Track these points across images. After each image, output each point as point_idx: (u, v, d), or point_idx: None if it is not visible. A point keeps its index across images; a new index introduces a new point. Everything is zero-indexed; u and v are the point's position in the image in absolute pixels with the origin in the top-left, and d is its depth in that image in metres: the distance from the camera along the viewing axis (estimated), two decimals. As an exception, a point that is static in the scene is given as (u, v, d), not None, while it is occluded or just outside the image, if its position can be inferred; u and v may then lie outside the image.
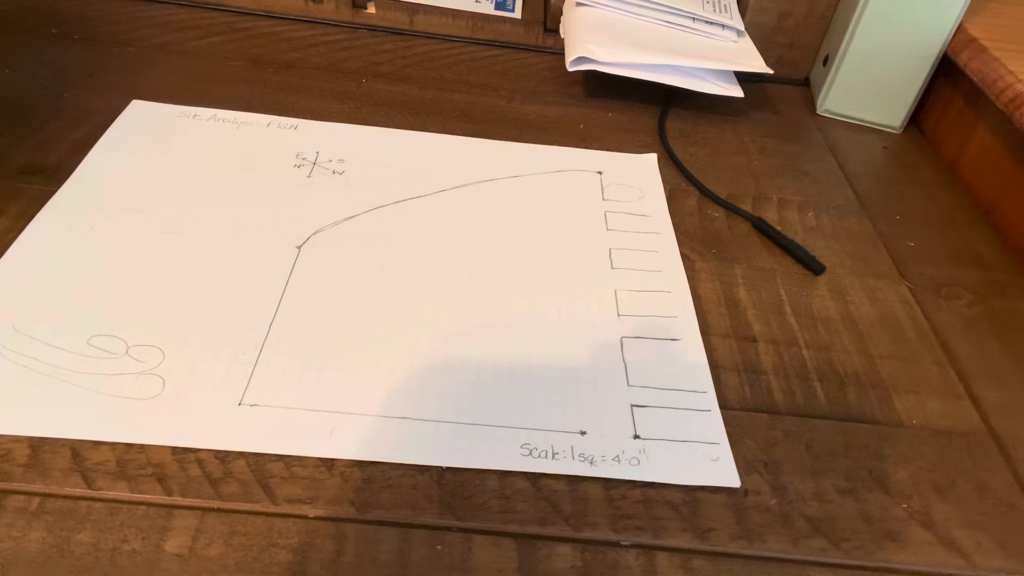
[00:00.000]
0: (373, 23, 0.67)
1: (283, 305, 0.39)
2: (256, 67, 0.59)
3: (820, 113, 0.65)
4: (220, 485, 0.31)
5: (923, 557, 0.33)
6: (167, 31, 0.62)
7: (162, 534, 0.30)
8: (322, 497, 0.31)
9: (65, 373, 0.34)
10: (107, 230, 0.42)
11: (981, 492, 0.36)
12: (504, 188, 0.50)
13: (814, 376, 0.40)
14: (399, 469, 0.33)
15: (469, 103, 0.59)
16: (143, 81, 0.55)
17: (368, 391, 0.36)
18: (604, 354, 0.39)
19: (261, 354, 0.37)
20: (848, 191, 0.56)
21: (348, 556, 0.30)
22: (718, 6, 0.64)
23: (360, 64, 0.62)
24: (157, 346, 0.36)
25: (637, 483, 0.34)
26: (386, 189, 0.48)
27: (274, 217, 0.45)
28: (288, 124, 0.53)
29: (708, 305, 0.44)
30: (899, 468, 0.36)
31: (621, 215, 0.49)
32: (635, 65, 0.59)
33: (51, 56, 0.57)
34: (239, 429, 0.33)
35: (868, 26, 0.60)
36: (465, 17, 0.66)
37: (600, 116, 0.60)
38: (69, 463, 0.31)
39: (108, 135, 0.49)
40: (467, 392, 0.36)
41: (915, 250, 0.51)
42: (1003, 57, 0.55)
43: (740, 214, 0.51)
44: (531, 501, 0.32)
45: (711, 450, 0.35)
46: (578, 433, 0.35)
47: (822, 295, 0.46)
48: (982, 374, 0.42)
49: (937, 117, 0.64)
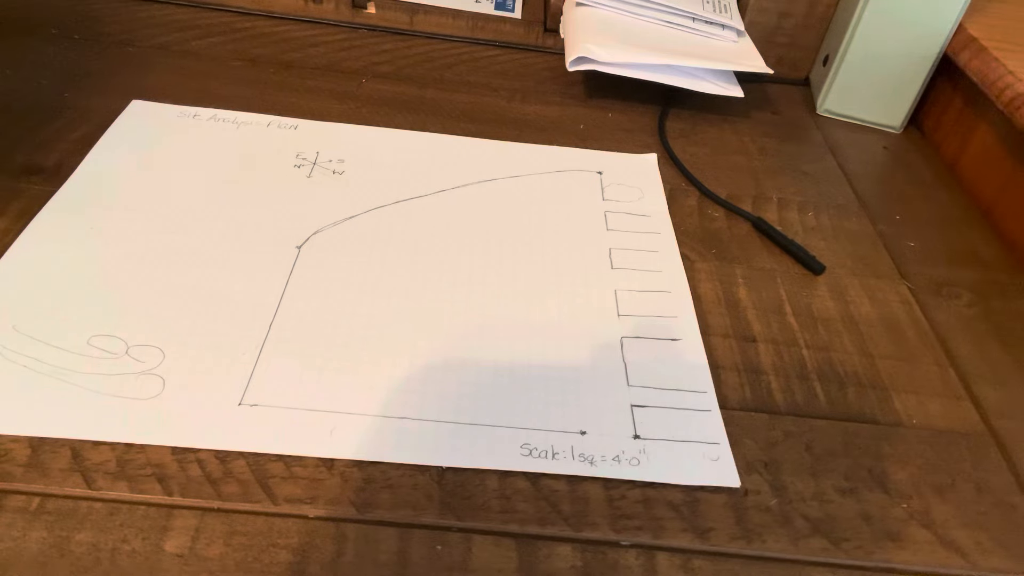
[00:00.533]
0: (373, 23, 0.67)
1: (283, 305, 0.39)
2: (256, 67, 0.59)
3: (820, 113, 0.65)
4: (220, 485, 0.31)
5: (923, 557, 0.33)
6: (167, 31, 0.62)
7: (162, 534, 0.30)
8: (322, 497, 0.31)
9: (65, 373, 0.34)
10: (107, 230, 0.42)
11: (981, 492, 0.36)
12: (504, 188, 0.50)
13: (814, 376, 0.40)
14: (399, 469, 0.33)
15: (469, 103, 0.59)
16: (143, 81, 0.55)
17: (368, 391, 0.36)
18: (604, 354, 0.39)
19: (261, 354, 0.37)
20: (848, 191, 0.56)
21: (348, 556, 0.30)
22: (718, 6, 0.64)
23: (360, 64, 0.62)
24: (157, 346, 0.36)
25: (637, 483, 0.34)
26: (386, 189, 0.48)
27: (274, 217, 0.45)
28: (288, 124, 0.53)
29: (708, 305, 0.44)
30: (899, 468, 0.36)
31: (621, 215, 0.49)
32: (635, 65, 0.59)
33: (51, 56, 0.57)
34: (239, 429, 0.33)
35: (868, 26, 0.60)
36: (465, 17, 0.66)
37: (600, 116, 0.60)
38: (69, 463, 0.31)
39: (108, 135, 0.49)
40: (467, 392, 0.36)
41: (915, 250, 0.51)
42: (1003, 57, 0.55)
43: (740, 214, 0.51)
44: (531, 501, 0.32)
45: (711, 450, 0.35)
46: (578, 433, 0.35)
47: (822, 295, 0.46)
48: (982, 374, 0.42)
49: (937, 117, 0.64)
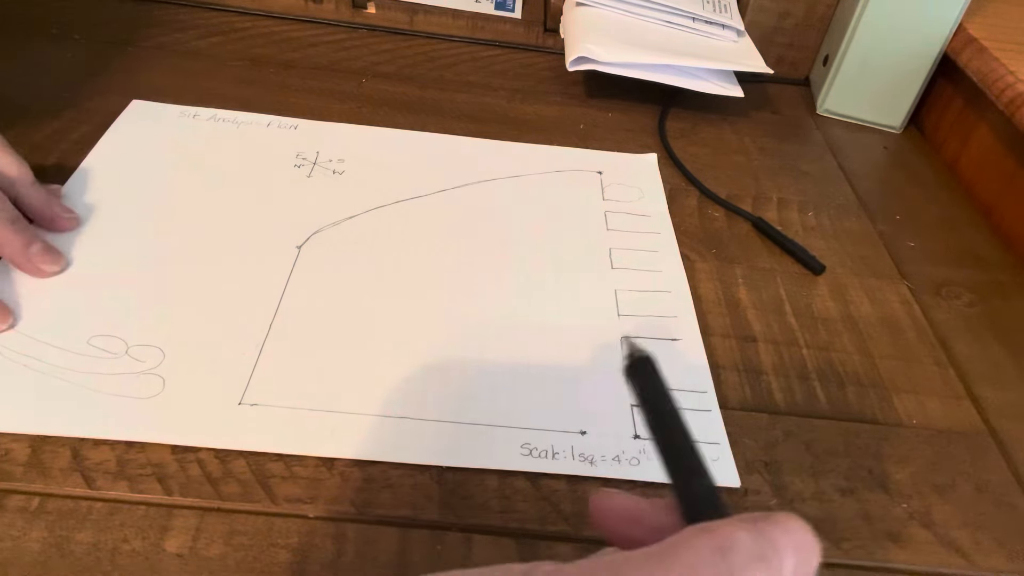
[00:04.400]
0: (373, 23, 0.67)
1: (283, 305, 0.39)
2: (256, 67, 0.59)
3: (820, 113, 0.65)
4: (220, 485, 0.31)
5: (923, 557, 0.33)
6: (167, 31, 0.62)
7: (162, 534, 0.30)
8: (322, 497, 0.31)
9: (65, 373, 0.34)
10: (107, 230, 0.42)
11: (981, 492, 0.36)
12: (504, 188, 0.50)
13: (814, 376, 0.40)
14: (399, 469, 0.33)
15: (469, 103, 0.59)
16: (143, 81, 0.55)
17: (368, 391, 0.36)
18: (604, 354, 0.39)
19: (261, 354, 0.37)
20: (848, 191, 0.56)
21: (348, 556, 0.30)
22: (718, 6, 0.64)
23: (360, 64, 0.62)
24: (157, 346, 0.36)
25: (637, 483, 0.34)
26: (386, 189, 0.48)
27: (274, 217, 0.45)
28: (288, 124, 0.53)
29: (708, 305, 0.44)
30: (899, 468, 0.36)
31: (621, 215, 0.49)
32: (635, 65, 0.59)
33: (51, 56, 0.57)
34: (239, 429, 0.33)
35: (868, 26, 0.60)
36: (465, 17, 0.66)
37: (600, 116, 0.60)
38: (69, 463, 0.31)
39: (108, 135, 0.49)
40: (467, 392, 0.36)
41: (915, 250, 0.51)
42: (1003, 57, 0.55)
43: (740, 214, 0.51)
44: (531, 501, 0.32)
45: (711, 450, 0.35)
46: (578, 433, 0.35)
47: (822, 295, 0.46)
48: (982, 374, 0.42)
49: (937, 117, 0.64)
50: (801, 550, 0.17)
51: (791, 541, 0.17)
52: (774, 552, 0.17)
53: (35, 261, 0.38)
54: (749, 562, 0.17)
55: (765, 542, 0.17)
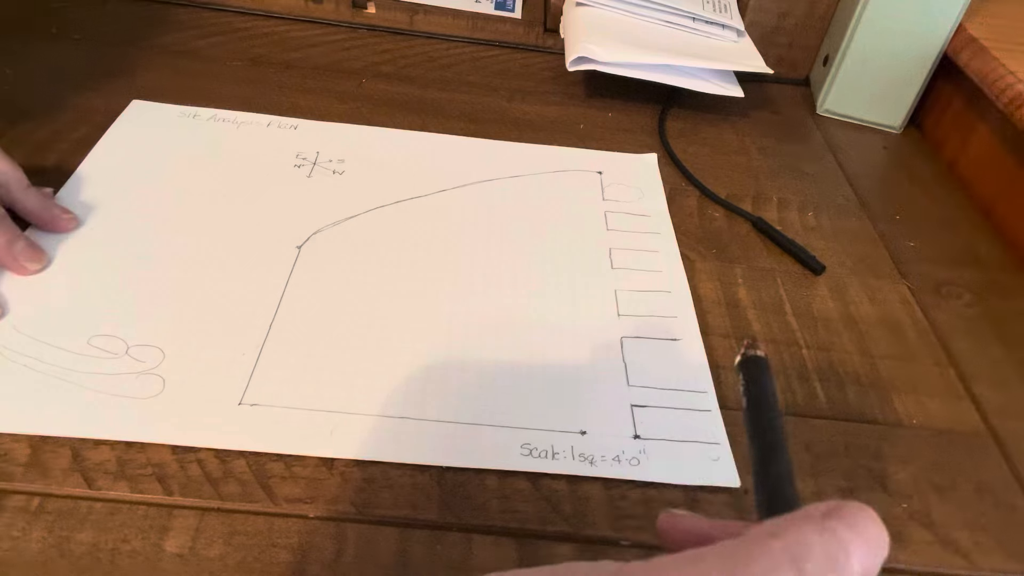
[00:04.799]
0: (373, 23, 0.67)
1: (283, 305, 0.39)
2: (256, 67, 0.59)
3: (820, 113, 0.65)
4: (220, 485, 0.31)
5: (923, 557, 0.33)
6: (167, 31, 0.62)
7: (162, 534, 0.30)
8: (322, 497, 0.31)
9: (65, 373, 0.34)
10: (107, 230, 0.42)
11: (981, 492, 0.36)
12: (504, 188, 0.50)
13: (814, 376, 0.40)
14: (399, 469, 0.33)
15: (469, 103, 0.59)
16: (143, 81, 0.55)
17: (368, 391, 0.36)
18: (604, 354, 0.39)
19: (261, 354, 0.37)
20: (848, 191, 0.56)
21: (348, 556, 0.30)
22: (718, 6, 0.64)
23: (360, 64, 0.62)
24: (157, 346, 0.36)
25: (637, 483, 0.34)
26: (386, 189, 0.48)
27: (274, 217, 0.45)
28: (288, 124, 0.53)
29: (708, 305, 0.44)
30: (899, 468, 0.36)
31: (621, 215, 0.49)
32: (635, 65, 0.59)
33: (51, 56, 0.57)
34: (239, 429, 0.33)
35: (868, 26, 0.60)
36: (465, 17, 0.66)
37: (600, 116, 0.60)
38: (69, 463, 0.31)
39: (108, 135, 0.49)
40: (467, 392, 0.36)
41: (915, 250, 0.51)
42: (1003, 57, 0.55)
43: (740, 214, 0.51)
44: (531, 501, 0.32)
45: (711, 450, 0.35)
46: (578, 433, 0.35)
47: (822, 295, 0.46)
48: (982, 374, 0.42)
49: (937, 117, 0.64)
50: (869, 545, 0.17)
51: (860, 540, 0.17)
52: (845, 556, 0.17)
53: (19, 259, 0.38)
54: (821, 572, 0.17)
55: (836, 544, 0.17)
